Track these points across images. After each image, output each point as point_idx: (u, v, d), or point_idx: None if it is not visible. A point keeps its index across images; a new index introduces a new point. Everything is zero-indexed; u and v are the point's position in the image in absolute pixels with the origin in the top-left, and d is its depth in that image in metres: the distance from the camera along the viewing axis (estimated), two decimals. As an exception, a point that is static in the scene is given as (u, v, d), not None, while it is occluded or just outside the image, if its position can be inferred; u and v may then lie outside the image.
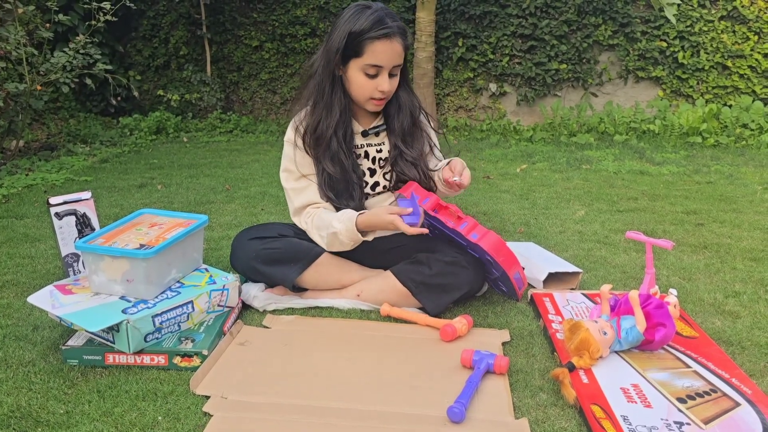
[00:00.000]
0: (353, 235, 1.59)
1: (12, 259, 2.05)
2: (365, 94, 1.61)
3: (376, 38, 1.54)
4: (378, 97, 1.62)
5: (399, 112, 1.69)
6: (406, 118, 1.70)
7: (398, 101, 1.69)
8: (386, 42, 1.55)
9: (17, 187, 3.08)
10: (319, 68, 1.63)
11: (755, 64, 4.84)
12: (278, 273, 1.65)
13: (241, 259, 1.69)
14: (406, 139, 1.71)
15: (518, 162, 3.88)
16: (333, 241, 1.62)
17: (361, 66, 1.58)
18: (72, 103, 5.33)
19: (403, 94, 1.69)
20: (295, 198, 1.70)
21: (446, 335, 1.50)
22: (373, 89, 1.60)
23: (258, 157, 4.03)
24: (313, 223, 1.66)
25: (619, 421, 1.15)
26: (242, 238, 1.71)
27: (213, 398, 1.24)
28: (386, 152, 1.73)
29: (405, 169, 1.69)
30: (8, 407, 1.20)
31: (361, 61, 1.57)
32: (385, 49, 1.55)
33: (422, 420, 1.18)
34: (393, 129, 1.70)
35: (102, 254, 1.45)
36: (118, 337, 1.35)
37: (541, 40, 5.08)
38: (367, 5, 1.57)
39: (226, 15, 5.45)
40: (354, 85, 1.61)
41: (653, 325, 1.41)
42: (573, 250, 2.17)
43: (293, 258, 1.65)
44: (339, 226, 1.59)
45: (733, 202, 2.86)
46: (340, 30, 1.57)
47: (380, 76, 1.59)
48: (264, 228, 1.73)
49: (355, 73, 1.59)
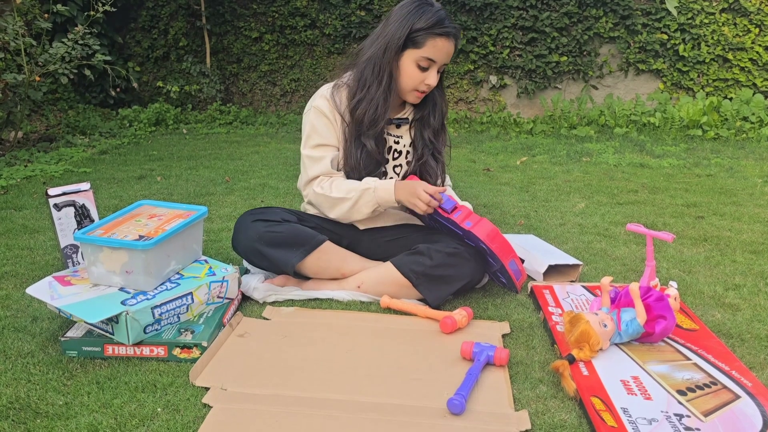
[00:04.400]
0: (388, 195, 1.62)
1: (11, 250, 2.04)
2: (413, 84, 1.66)
3: (438, 35, 1.60)
4: (422, 90, 1.67)
5: (434, 109, 1.77)
6: (438, 116, 1.78)
7: (434, 99, 1.76)
8: (446, 40, 1.62)
9: (16, 178, 3.07)
10: (376, 55, 1.66)
11: (756, 56, 4.82)
12: (280, 256, 1.64)
13: (244, 241, 1.68)
14: (436, 134, 1.79)
15: (518, 154, 3.88)
16: (359, 201, 1.64)
17: (416, 57, 1.63)
18: (71, 94, 5.31)
19: (438, 93, 1.76)
20: (310, 166, 1.70)
21: (446, 327, 1.50)
22: (420, 81, 1.65)
23: (258, 149, 4.02)
24: (332, 185, 1.68)
25: (619, 414, 1.15)
26: (246, 220, 1.70)
27: (212, 390, 1.23)
28: (402, 145, 1.78)
29: (430, 161, 1.78)
30: (7, 398, 1.20)
31: (418, 53, 1.62)
32: (444, 46, 1.62)
33: (422, 412, 1.18)
34: (427, 123, 1.77)
35: (101, 245, 1.44)
36: (117, 328, 1.35)
37: (542, 32, 5.06)
38: (429, 2, 1.63)
39: (225, 6, 5.43)
40: (404, 74, 1.66)
41: (653, 318, 1.41)
42: (573, 243, 2.17)
43: (296, 243, 1.64)
44: (374, 183, 1.64)
45: (734, 195, 2.86)
46: (402, 23, 1.62)
47: (431, 70, 1.64)
48: (268, 211, 1.73)
49: (408, 63, 1.64)
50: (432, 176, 1.79)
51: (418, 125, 1.78)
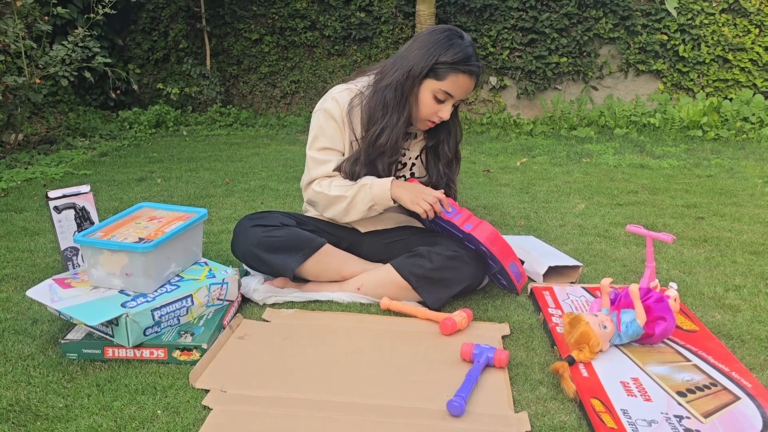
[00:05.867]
0: (384, 192, 1.61)
1: (11, 252, 2.04)
2: (426, 114, 1.65)
3: (461, 71, 1.58)
4: (434, 120, 1.66)
5: (448, 138, 1.75)
6: (453, 145, 1.77)
7: (448, 128, 1.74)
8: (468, 77, 1.60)
9: (16, 180, 3.08)
10: (398, 81, 1.61)
11: (756, 57, 4.82)
12: (279, 261, 1.64)
13: (242, 245, 1.68)
14: (449, 165, 1.78)
15: (518, 155, 3.88)
16: (356, 198, 1.63)
17: (434, 89, 1.60)
18: (71, 96, 5.31)
19: (452, 122, 1.74)
20: (313, 168, 1.69)
21: (446, 329, 1.50)
22: (434, 113, 1.64)
23: (258, 151, 4.02)
24: (331, 184, 1.66)
25: (619, 415, 1.15)
26: (245, 225, 1.70)
27: (212, 392, 1.23)
28: (408, 158, 1.77)
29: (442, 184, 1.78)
30: (7, 401, 1.20)
31: (438, 85, 1.60)
32: (464, 83, 1.60)
33: (422, 413, 1.18)
34: (441, 153, 1.76)
35: (101, 248, 1.44)
36: (117, 330, 1.35)
37: (542, 33, 5.06)
38: (459, 34, 1.60)
39: (225, 8, 5.43)
40: (420, 103, 1.64)
41: (653, 319, 1.41)
42: (573, 244, 2.17)
43: (295, 247, 1.64)
44: (370, 180, 1.63)
45: (734, 196, 2.85)
46: (429, 51, 1.58)
47: (446, 103, 1.63)
48: (267, 216, 1.73)
49: (425, 93, 1.62)
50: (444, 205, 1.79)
51: (432, 154, 1.77)
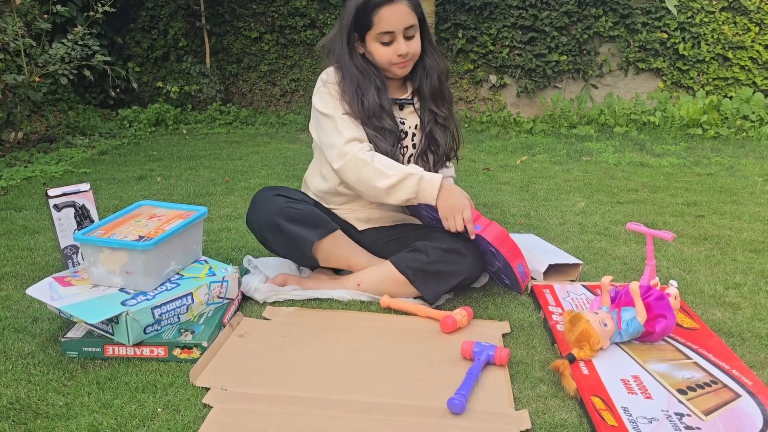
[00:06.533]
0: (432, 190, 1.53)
1: (11, 251, 2.04)
2: (387, 60, 1.65)
3: (379, 5, 1.58)
4: (398, 62, 1.65)
5: (426, 76, 1.72)
6: (434, 80, 1.72)
7: (424, 65, 1.71)
8: (390, 7, 1.59)
9: (16, 179, 3.07)
10: (338, 50, 1.65)
11: (756, 55, 4.82)
12: (300, 232, 1.61)
13: (263, 214, 1.64)
14: (437, 101, 1.74)
15: (518, 154, 3.87)
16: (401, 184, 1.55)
17: (375, 36, 1.62)
18: (71, 94, 5.31)
19: (428, 58, 1.71)
20: (345, 128, 1.61)
21: (446, 327, 1.50)
22: (392, 55, 1.63)
23: (258, 149, 4.02)
24: (374, 156, 1.58)
25: (620, 413, 1.15)
26: (266, 194, 1.68)
27: (213, 390, 1.23)
28: (407, 127, 1.75)
29: (437, 133, 1.74)
30: (7, 399, 1.20)
31: (373, 32, 1.61)
32: (391, 15, 1.59)
33: (422, 411, 1.18)
34: (423, 93, 1.73)
35: (101, 246, 1.44)
36: (117, 328, 1.35)
37: (542, 31, 5.06)
38: None
39: (225, 6, 5.42)
40: (376, 56, 1.65)
41: (654, 317, 1.40)
42: (573, 242, 2.17)
43: (314, 223, 1.62)
44: (421, 171, 1.55)
45: (734, 194, 2.85)
46: (349, 7, 1.63)
47: (396, 41, 1.62)
48: (287, 189, 1.71)
49: (373, 44, 1.64)
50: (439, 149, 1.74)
51: (419, 97, 1.75)
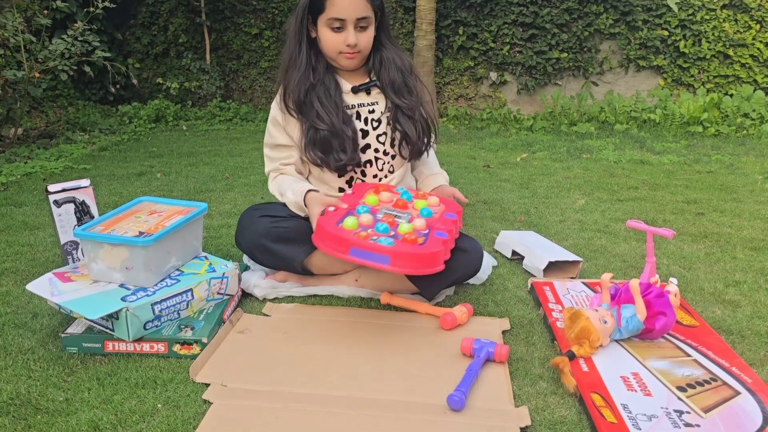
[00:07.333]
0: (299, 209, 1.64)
1: (11, 246, 2.04)
2: (334, 48, 1.62)
3: None
4: (345, 51, 1.62)
5: (384, 68, 1.69)
6: (393, 72, 1.69)
7: (381, 58, 1.69)
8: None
9: (16, 175, 3.07)
10: (291, 32, 1.65)
11: (757, 53, 4.81)
12: (287, 252, 1.62)
13: (249, 236, 1.65)
14: (400, 92, 1.70)
15: (518, 151, 3.87)
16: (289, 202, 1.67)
17: (325, 21, 1.60)
18: (71, 90, 5.30)
19: (385, 51, 1.69)
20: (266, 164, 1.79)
21: (446, 323, 1.50)
22: (340, 43, 1.61)
23: (257, 146, 4.01)
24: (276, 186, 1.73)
25: (619, 410, 1.15)
26: (252, 215, 1.68)
27: (212, 386, 1.24)
28: (379, 112, 1.71)
29: (404, 124, 1.68)
30: (8, 395, 1.20)
31: (324, 16, 1.59)
32: (344, 1, 1.56)
33: (422, 408, 1.18)
34: (384, 85, 1.70)
35: (101, 242, 1.44)
36: (117, 324, 1.35)
37: (542, 28, 5.05)
38: None
39: (225, 2, 5.41)
40: (323, 41, 1.63)
41: (654, 314, 1.41)
42: (573, 239, 2.17)
43: (303, 239, 1.62)
44: (291, 197, 1.64)
45: (734, 192, 2.85)
46: None
47: (345, 29, 1.60)
48: (273, 207, 1.72)
49: (323, 29, 1.62)
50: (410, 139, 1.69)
51: (381, 89, 1.71)
